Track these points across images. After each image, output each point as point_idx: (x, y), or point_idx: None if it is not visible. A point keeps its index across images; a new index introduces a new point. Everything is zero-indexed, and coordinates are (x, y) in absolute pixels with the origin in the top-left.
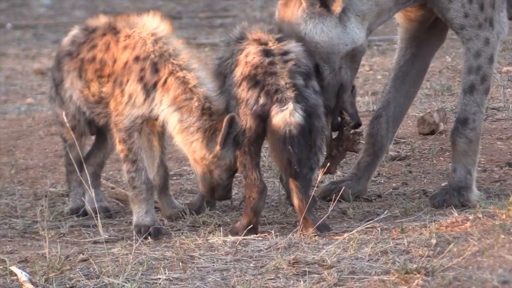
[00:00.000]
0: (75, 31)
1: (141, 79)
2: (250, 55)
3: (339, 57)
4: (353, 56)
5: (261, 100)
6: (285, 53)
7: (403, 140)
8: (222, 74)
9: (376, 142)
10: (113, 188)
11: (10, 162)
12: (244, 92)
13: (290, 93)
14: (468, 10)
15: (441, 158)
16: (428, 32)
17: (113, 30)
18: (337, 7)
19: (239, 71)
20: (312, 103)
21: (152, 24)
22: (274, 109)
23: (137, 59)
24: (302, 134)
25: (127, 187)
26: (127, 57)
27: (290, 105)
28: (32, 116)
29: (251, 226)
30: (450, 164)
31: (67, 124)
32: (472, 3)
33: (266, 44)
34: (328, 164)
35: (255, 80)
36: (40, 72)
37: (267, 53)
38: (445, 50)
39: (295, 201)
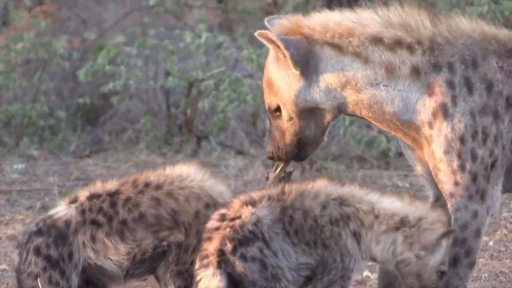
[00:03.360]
0: None
1: None
2: (211, 219)
3: (298, 109)
4: (317, 115)
5: (196, 268)
6: (236, 218)
7: None
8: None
9: None
10: None
11: None
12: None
13: (212, 259)
14: (458, 179)
15: None
16: None
17: None
18: (293, 67)
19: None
20: (239, 271)
21: None
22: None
23: None
24: None
25: None
26: None
27: (211, 270)
28: (6, 283)
29: None
30: None
31: None
32: (464, 172)
33: (230, 208)
34: None
35: (199, 245)
36: (14, 238)
37: (221, 217)
38: None
39: None
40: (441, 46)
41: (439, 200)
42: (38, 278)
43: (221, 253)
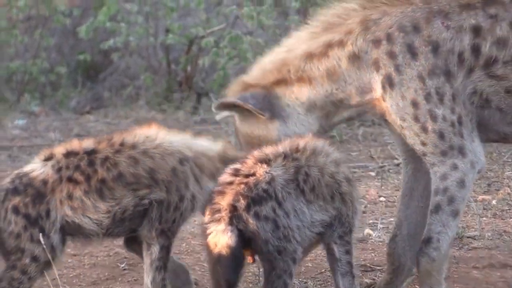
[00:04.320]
0: None
1: None
2: (224, 173)
3: None
4: None
5: (206, 219)
6: (250, 174)
7: (379, 268)
8: None
9: (394, 261)
10: None
11: None
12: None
13: (223, 217)
14: (424, 139)
15: (416, 286)
16: None
17: None
18: (261, 115)
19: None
20: (251, 230)
21: None
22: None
23: None
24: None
25: None
26: None
27: (221, 226)
28: None
29: None
30: None
31: None
32: (427, 132)
33: (243, 163)
34: None
35: (210, 198)
36: None
37: (235, 172)
38: None
39: None
40: (377, 21)
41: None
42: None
43: (233, 209)
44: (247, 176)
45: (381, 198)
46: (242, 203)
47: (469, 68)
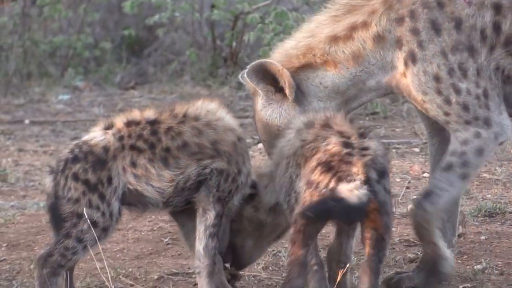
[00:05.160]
0: None
1: None
2: (330, 144)
3: None
4: None
5: (331, 184)
6: (364, 148)
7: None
8: (304, 156)
9: None
10: (132, 285)
11: (29, 257)
12: (316, 176)
13: (360, 177)
14: (447, 110)
15: (459, 260)
16: None
17: None
18: (290, 94)
19: (316, 157)
20: (381, 199)
21: None
22: (341, 186)
23: None
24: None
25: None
26: None
27: (357, 182)
28: None
29: None
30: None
31: None
32: (451, 104)
33: (348, 137)
34: None
35: (329, 166)
36: None
37: (346, 144)
38: None
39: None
40: None
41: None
42: (78, 203)
43: (367, 178)
44: (362, 149)
45: (425, 174)
46: (373, 173)
47: (491, 45)
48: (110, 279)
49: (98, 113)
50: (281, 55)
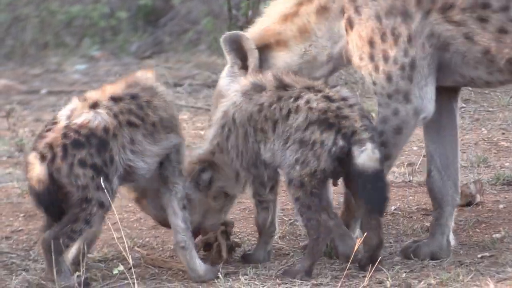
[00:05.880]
0: None
1: None
2: (312, 101)
3: None
4: None
5: (340, 142)
6: (344, 98)
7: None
8: (270, 119)
9: (436, 195)
10: (148, 254)
11: None
12: (315, 135)
13: (366, 135)
14: (374, 79)
15: (477, 229)
16: None
17: None
18: (250, 73)
19: (302, 116)
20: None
21: None
22: (355, 151)
23: None
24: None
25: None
26: None
27: (369, 145)
28: None
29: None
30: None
31: None
32: (378, 72)
33: (321, 91)
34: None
35: (328, 123)
36: None
37: (328, 98)
38: (481, 122)
39: (377, 238)
40: None
41: None
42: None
43: (369, 129)
44: (344, 99)
45: None
46: (368, 122)
47: (426, 9)
48: (127, 249)
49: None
50: (254, 33)
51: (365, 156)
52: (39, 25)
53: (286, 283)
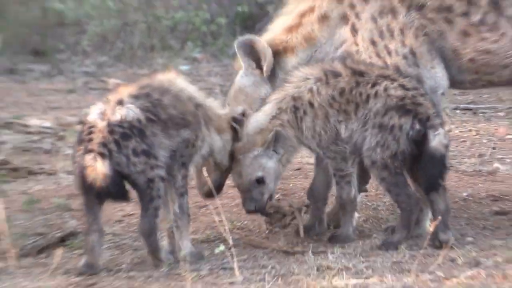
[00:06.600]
0: None
1: None
2: (390, 89)
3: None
4: None
5: (417, 126)
6: (416, 88)
7: (506, 197)
8: (352, 102)
9: None
10: (246, 236)
11: None
12: (394, 120)
13: (438, 120)
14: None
15: None
16: None
17: None
18: (266, 71)
19: (381, 102)
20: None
21: None
22: (430, 134)
23: None
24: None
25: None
26: None
27: (441, 130)
28: None
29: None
30: None
31: None
32: (388, 66)
33: (396, 80)
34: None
35: (405, 109)
36: None
37: (403, 87)
38: None
39: (444, 203)
40: None
41: None
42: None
43: (438, 115)
44: (415, 88)
45: (509, 136)
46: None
47: (408, 6)
48: (227, 231)
49: (215, 82)
50: (267, 39)
51: (438, 140)
52: (146, 29)
53: (369, 261)
